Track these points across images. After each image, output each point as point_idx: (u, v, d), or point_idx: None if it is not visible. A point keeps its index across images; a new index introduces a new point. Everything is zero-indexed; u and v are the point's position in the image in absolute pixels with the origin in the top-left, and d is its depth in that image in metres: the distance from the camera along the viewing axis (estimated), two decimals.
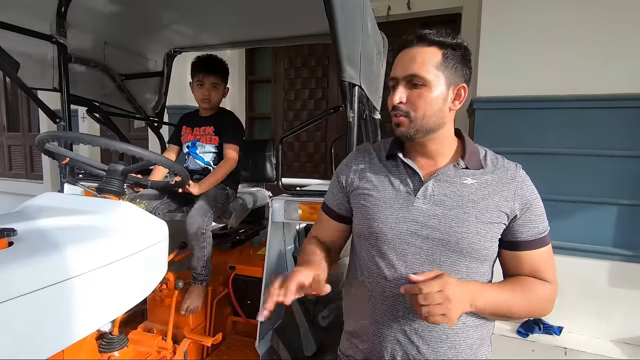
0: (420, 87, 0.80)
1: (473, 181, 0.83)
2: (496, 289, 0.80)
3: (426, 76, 0.79)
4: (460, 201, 0.81)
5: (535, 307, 0.82)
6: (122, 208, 0.97)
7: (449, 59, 0.80)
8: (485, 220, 0.80)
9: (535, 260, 0.83)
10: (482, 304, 0.76)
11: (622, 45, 2.14)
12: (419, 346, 0.81)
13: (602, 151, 2.22)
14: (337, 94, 3.63)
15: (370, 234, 0.87)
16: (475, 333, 0.83)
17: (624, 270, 2.22)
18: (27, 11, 1.57)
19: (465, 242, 0.79)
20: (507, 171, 0.84)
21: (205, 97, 1.71)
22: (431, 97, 0.80)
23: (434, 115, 0.81)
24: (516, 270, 0.85)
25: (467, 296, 0.74)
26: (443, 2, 3.02)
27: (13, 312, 0.62)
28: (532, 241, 0.82)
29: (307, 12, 1.64)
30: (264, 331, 1.51)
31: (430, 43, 0.81)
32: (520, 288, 0.81)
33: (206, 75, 1.69)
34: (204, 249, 1.52)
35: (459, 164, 0.84)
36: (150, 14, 1.86)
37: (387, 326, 0.83)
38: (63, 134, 1.05)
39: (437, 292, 0.69)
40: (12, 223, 0.78)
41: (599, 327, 2.28)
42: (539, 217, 0.82)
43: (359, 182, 0.92)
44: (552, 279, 0.84)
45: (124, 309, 0.89)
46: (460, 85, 0.83)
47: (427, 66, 0.79)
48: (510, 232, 0.83)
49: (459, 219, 0.80)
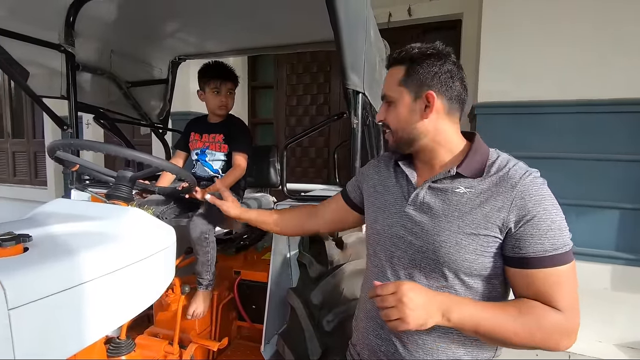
0: (391, 105, 0.88)
1: (466, 190, 0.79)
2: (480, 306, 0.73)
3: (390, 94, 0.87)
4: (447, 210, 0.80)
5: (536, 336, 0.70)
6: (132, 214, 0.99)
7: (411, 72, 0.84)
8: (468, 232, 0.76)
9: (542, 282, 0.72)
10: (457, 317, 0.70)
11: (623, 50, 2.16)
12: (396, 345, 0.84)
13: (604, 155, 2.23)
14: (339, 100, 3.66)
15: (371, 234, 0.95)
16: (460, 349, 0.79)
17: (627, 274, 2.23)
18: (37, 21, 1.60)
19: (442, 252, 0.78)
20: (509, 179, 0.76)
21: (223, 103, 1.73)
22: (397, 112, 0.86)
23: (405, 129, 0.86)
24: (522, 291, 0.75)
25: (433, 305, 0.71)
26: (443, 8, 3.05)
27: (30, 316, 0.63)
28: (537, 259, 0.72)
29: (311, 19, 1.67)
30: (270, 336, 1.52)
31: (397, 62, 0.87)
32: (516, 310, 0.72)
33: (223, 82, 1.71)
34: (208, 253, 1.53)
35: (450, 171, 0.82)
36: (155, 23, 1.89)
37: (373, 321, 0.90)
38: (74, 141, 1.07)
39: (391, 295, 0.70)
40: (25, 229, 0.79)
41: (602, 331, 2.28)
42: (545, 233, 0.71)
43: (370, 185, 1.01)
44: (565, 306, 0.71)
45: (134, 313, 0.90)
46: (427, 93, 0.82)
47: (390, 85, 0.87)
48: (508, 246, 0.75)
49: (439, 227, 0.79)
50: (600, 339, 2.28)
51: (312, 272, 1.43)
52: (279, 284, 1.57)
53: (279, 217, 1.24)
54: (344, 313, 1.29)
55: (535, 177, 0.77)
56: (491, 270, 0.77)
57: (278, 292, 1.56)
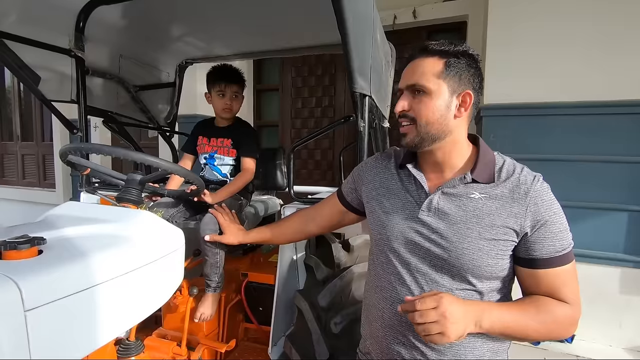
0: (422, 95, 0.83)
1: (481, 195, 0.81)
2: (504, 309, 0.77)
3: (427, 84, 0.82)
4: (465, 216, 0.80)
5: (553, 330, 0.78)
6: (142, 217, 1.00)
7: (451, 68, 0.82)
8: (489, 237, 0.78)
9: (553, 279, 0.79)
10: (488, 324, 0.74)
11: (628, 51, 2.15)
12: (423, 351, 0.82)
13: (610, 157, 2.22)
14: (344, 102, 3.66)
15: (380, 239, 0.91)
16: (485, 345, 0.81)
17: (635, 277, 2.20)
18: (48, 27, 1.62)
19: (465, 259, 0.79)
20: (521, 185, 0.80)
21: (227, 106, 1.73)
22: (433, 105, 0.83)
23: (436, 122, 0.83)
24: (532, 289, 0.81)
25: (469, 315, 0.73)
26: (449, 10, 3.05)
27: (45, 317, 0.64)
28: (549, 259, 0.78)
29: (317, 23, 1.68)
30: (277, 338, 1.52)
31: (432, 53, 0.84)
32: (534, 309, 0.77)
33: (228, 85, 1.71)
34: (217, 255, 1.54)
35: (466, 177, 0.83)
36: (163, 27, 1.91)
37: (394, 330, 0.86)
38: (85, 145, 1.09)
39: (432, 309, 0.69)
40: (39, 232, 0.81)
41: (611, 334, 2.26)
42: (556, 235, 0.78)
43: (372, 186, 0.98)
44: (572, 299, 0.79)
45: (144, 315, 0.91)
46: (465, 92, 0.83)
47: (427, 75, 0.82)
48: (522, 248, 0.79)
49: (460, 234, 0.80)
50: (609, 342, 2.26)
51: (319, 275, 1.43)
52: (286, 286, 1.58)
53: (277, 229, 1.28)
54: (352, 315, 1.29)
55: (543, 182, 0.81)
56: (507, 271, 0.82)
57: (285, 294, 1.56)
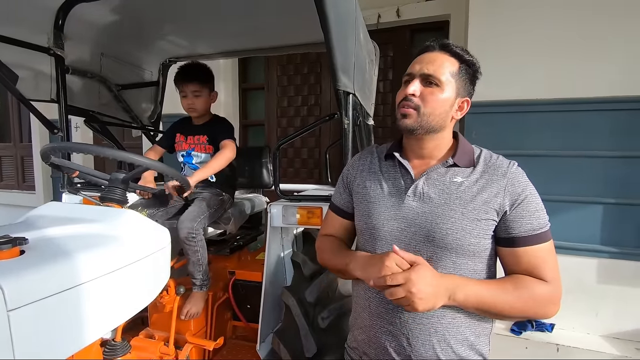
0: (434, 86, 0.87)
1: (463, 179, 0.86)
2: (480, 284, 0.80)
3: (441, 78, 0.87)
4: (448, 198, 0.85)
5: (530, 307, 0.80)
6: (126, 216, 1.00)
7: (462, 72, 0.89)
8: (472, 217, 0.82)
9: (531, 257, 0.81)
10: (462, 297, 0.77)
11: (605, 49, 2.23)
12: (409, 337, 0.84)
13: (587, 152, 2.29)
14: (330, 101, 3.68)
15: (366, 229, 0.93)
16: (468, 330, 0.84)
17: (611, 267, 2.29)
18: (26, 25, 1.59)
19: (450, 238, 0.82)
20: (499, 168, 0.86)
21: (189, 106, 1.71)
22: (441, 98, 0.87)
23: (439, 116, 0.87)
24: (513, 267, 0.84)
25: (441, 289, 0.76)
26: (431, 10, 3.09)
27: (29, 317, 0.64)
28: (527, 237, 0.81)
29: (301, 22, 1.69)
30: (265, 334, 1.53)
31: (451, 53, 0.89)
32: (511, 285, 0.80)
33: (186, 84, 1.68)
34: (197, 252, 1.52)
35: (448, 161, 0.89)
36: (145, 25, 1.89)
37: (380, 318, 0.88)
38: (68, 144, 1.08)
39: (400, 286, 0.74)
40: (20, 232, 0.80)
41: (589, 323, 2.34)
42: (532, 214, 0.82)
43: (359, 181, 0.99)
44: (551, 278, 0.81)
45: (130, 314, 0.91)
46: (465, 99, 0.90)
47: (443, 70, 0.87)
48: (502, 227, 0.83)
49: (444, 215, 0.83)
50: (587, 330, 2.34)
51: (306, 271, 1.45)
52: (274, 283, 1.59)
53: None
54: (339, 310, 1.31)
55: (518, 167, 0.88)
56: (489, 251, 0.86)
57: (272, 291, 1.57)
